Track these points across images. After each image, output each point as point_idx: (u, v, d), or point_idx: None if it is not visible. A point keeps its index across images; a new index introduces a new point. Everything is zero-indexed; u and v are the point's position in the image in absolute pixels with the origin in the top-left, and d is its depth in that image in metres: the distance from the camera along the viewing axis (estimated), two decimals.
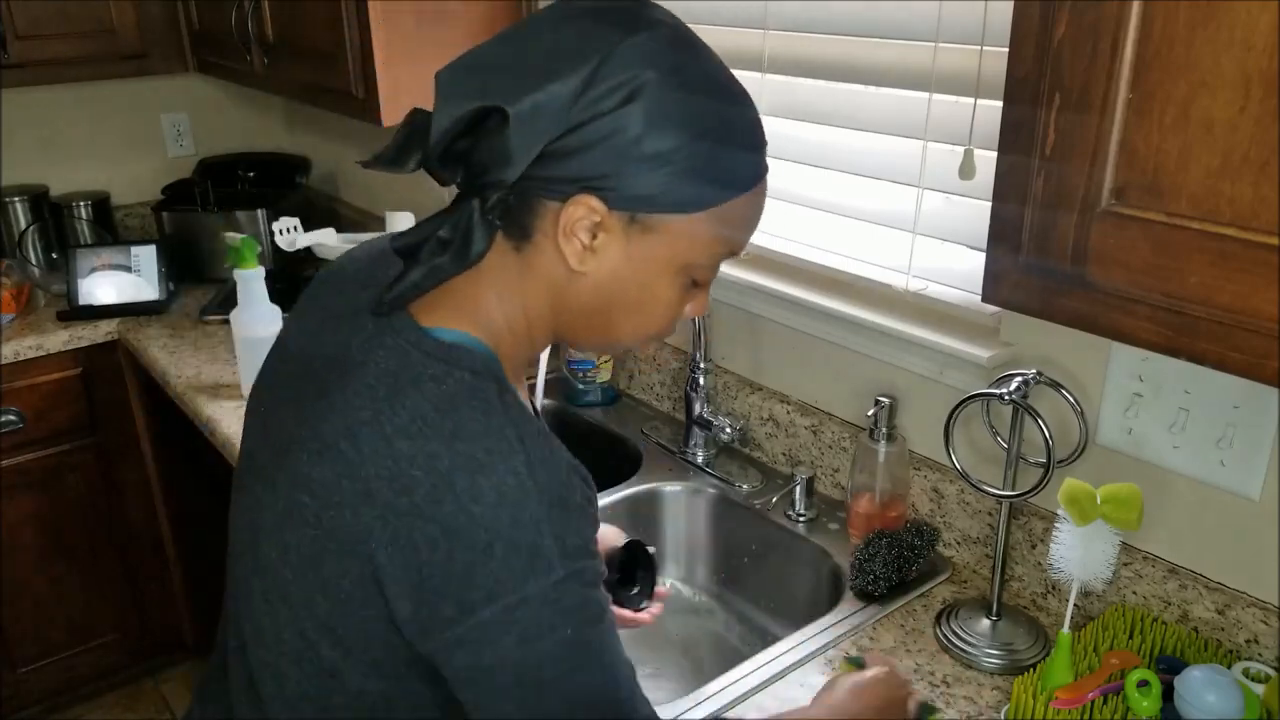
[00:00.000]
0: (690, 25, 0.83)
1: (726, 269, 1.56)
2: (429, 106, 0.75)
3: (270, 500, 0.78)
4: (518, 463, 0.72)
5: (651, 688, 1.37)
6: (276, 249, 2.04)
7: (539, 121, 0.70)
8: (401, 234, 0.80)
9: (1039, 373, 1.14)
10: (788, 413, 1.55)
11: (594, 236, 0.75)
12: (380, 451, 0.72)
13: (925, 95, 1.26)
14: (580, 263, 0.76)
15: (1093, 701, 1.01)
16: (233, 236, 2.00)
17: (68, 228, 2.51)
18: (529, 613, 0.71)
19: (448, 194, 0.91)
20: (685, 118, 0.73)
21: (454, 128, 0.71)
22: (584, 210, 0.74)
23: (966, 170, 1.20)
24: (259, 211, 2.44)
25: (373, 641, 0.75)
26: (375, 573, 0.72)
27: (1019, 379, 1.13)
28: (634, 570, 1.16)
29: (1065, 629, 1.05)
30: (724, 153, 0.75)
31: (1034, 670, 1.08)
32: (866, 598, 1.26)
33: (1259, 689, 0.99)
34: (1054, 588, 1.25)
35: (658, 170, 0.73)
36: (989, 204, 0.85)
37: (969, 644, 1.18)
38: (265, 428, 0.84)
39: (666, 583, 1.52)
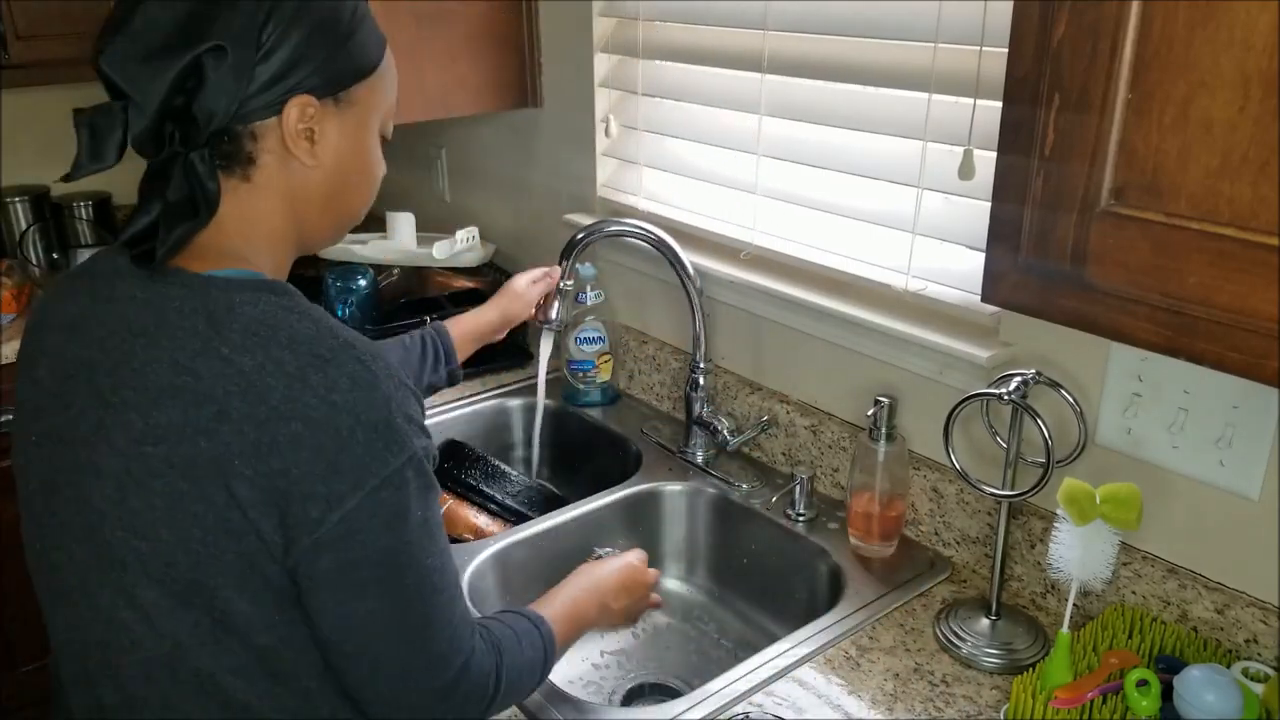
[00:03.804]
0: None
1: (727, 269, 1.56)
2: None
3: (97, 484, 0.79)
4: (358, 353, 0.79)
5: (651, 688, 1.38)
6: None
7: (242, 50, 0.78)
8: (129, 224, 0.82)
9: (1038, 373, 1.14)
10: (788, 413, 1.55)
11: (312, 130, 0.84)
12: (224, 372, 0.75)
13: (925, 95, 1.26)
14: (313, 157, 0.85)
15: (1092, 701, 1.01)
16: None
17: (68, 228, 2.51)
18: (390, 494, 0.77)
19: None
20: (336, 7, 0.84)
21: (170, 87, 0.76)
22: (298, 110, 0.82)
23: (966, 170, 1.21)
24: None
25: (246, 582, 0.77)
26: (235, 497, 0.74)
27: (1018, 379, 1.13)
28: None
29: (1065, 628, 1.05)
30: (366, 23, 0.88)
31: (1033, 670, 1.08)
32: None
33: (1258, 689, 0.99)
34: (1053, 587, 1.25)
35: (337, 53, 0.83)
36: (989, 204, 0.85)
37: (968, 643, 1.18)
38: (56, 440, 0.83)
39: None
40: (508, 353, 1.99)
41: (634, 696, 1.37)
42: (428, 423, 0.87)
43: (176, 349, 0.77)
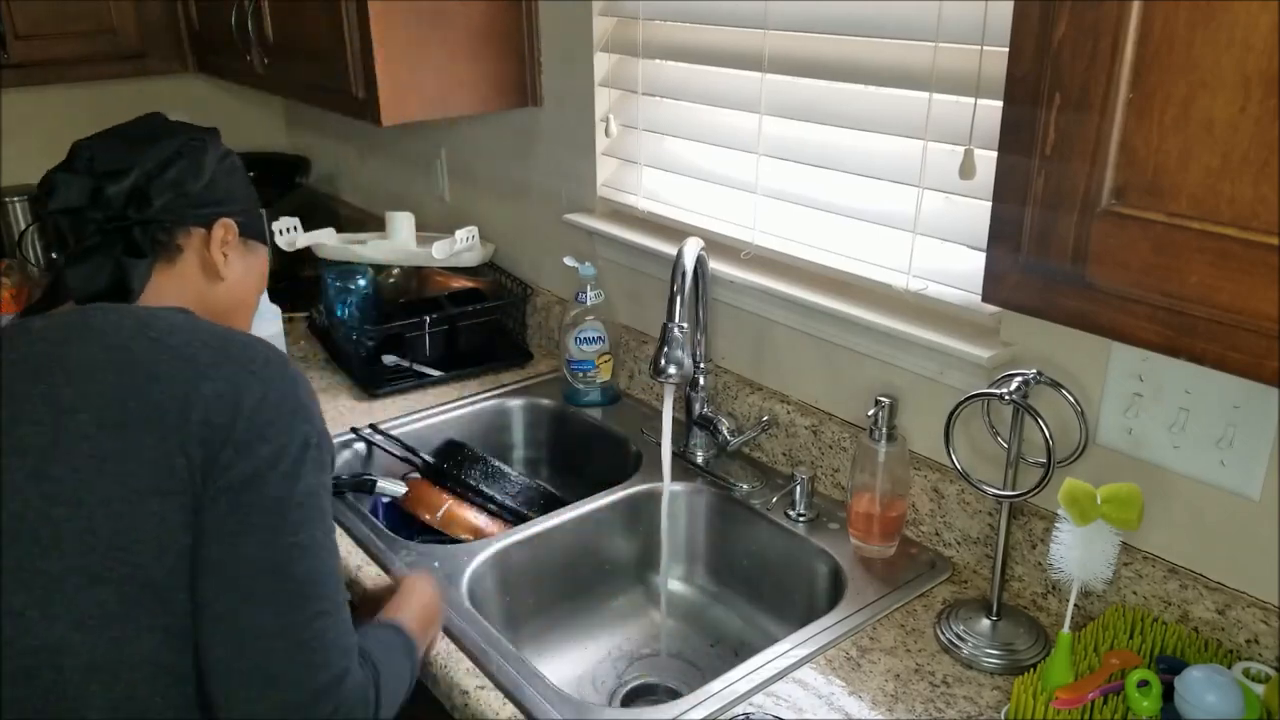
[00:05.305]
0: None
1: (727, 269, 1.56)
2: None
3: (18, 461, 0.85)
4: (268, 345, 0.96)
5: (651, 688, 1.38)
6: (276, 249, 2.04)
7: (197, 159, 1.06)
8: (74, 281, 1.02)
9: (1039, 373, 1.14)
10: (788, 413, 1.55)
11: (226, 254, 1.09)
12: (153, 348, 0.90)
13: (925, 95, 1.26)
14: (224, 270, 1.09)
15: (1093, 701, 1.01)
16: None
17: None
18: (293, 454, 0.89)
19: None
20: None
21: (156, 163, 1.03)
22: (224, 231, 1.09)
23: (966, 170, 1.20)
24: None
25: (164, 543, 0.84)
26: (166, 451, 0.84)
27: (1019, 379, 1.13)
28: None
29: (1065, 629, 1.05)
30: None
31: (1034, 670, 1.08)
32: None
33: (1259, 689, 0.99)
34: (1054, 588, 1.25)
35: (254, 211, 1.15)
36: (989, 204, 0.85)
37: (969, 644, 1.18)
38: None
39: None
40: (507, 353, 2.00)
41: (634, 697, 1.37)
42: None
43: (108, 337, 0.91)
